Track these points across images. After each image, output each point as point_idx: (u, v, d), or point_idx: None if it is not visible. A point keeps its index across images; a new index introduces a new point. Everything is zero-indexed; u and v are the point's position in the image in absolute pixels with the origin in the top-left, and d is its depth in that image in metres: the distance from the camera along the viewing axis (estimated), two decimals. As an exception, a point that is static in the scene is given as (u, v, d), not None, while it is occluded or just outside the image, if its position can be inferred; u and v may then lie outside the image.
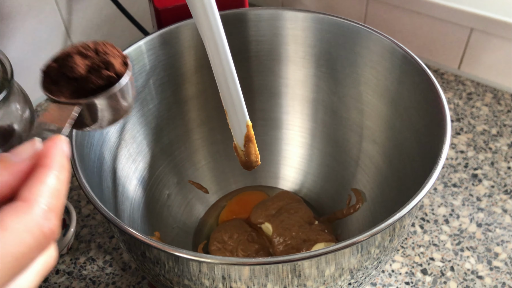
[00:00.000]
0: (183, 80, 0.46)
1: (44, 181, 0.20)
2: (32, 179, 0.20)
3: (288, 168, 0.52)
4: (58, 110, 0.25)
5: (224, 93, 0.33)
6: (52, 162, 0.20)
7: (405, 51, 0.39)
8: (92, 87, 0.26)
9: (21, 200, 0.19)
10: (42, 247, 0.19)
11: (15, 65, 0.61)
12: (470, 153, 0.57)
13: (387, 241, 0.32)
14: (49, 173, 0.20)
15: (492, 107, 0.63)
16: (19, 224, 0.18)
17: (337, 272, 0.31)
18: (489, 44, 0.62)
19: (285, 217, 0.46)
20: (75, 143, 0.34)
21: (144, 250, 0.30)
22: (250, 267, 0.28)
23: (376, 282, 0.46)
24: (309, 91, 0.48)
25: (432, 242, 0.49)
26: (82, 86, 0.26)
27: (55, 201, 0.20)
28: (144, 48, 0.42)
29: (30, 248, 0.18)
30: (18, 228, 0.18)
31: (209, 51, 0.31)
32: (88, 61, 0.26)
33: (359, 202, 0.46)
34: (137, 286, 0.47)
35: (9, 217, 0.18)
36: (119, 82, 0.26)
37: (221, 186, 0.51)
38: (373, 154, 0.45)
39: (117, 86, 0.26)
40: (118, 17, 0.67)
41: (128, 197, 0.43)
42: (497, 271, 0.47)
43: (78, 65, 0.25)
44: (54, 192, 0.20)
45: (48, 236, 0.19)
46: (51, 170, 0.20)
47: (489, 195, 0.53)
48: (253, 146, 0.36)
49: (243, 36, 0.45)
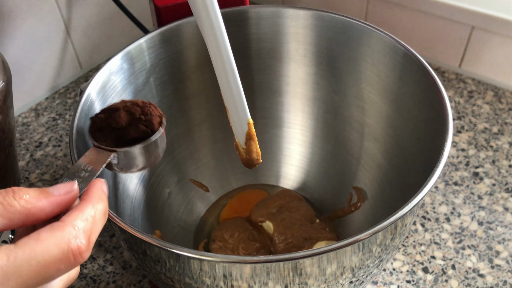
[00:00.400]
0: (183, 78, 0.46)
1: (81, 210, 0.24)
2: (73, 209, 0.24)
3: (289, 166, 0.52)
4: (97, 154, 0.29)
5: (225, 91, 0.33)
6: (92, 197, 0.25)
7: (407, 48, 0.39)
8: (129, 138, 0.30)
9: (59, 221, 0.23)
10: (68, 261, 0.22)
11: (15, 63, 0.61)
12: (471, 151, 0.57)
13: (389, 239, 0.32)
14: (88, 204, 0.24)
15: (493, 105, 0.62)
16: (50, 238, 0.22)
17: (339, 270, 0.31)
18: (490, 42, 0.62)
19: (286, 215, 0.46)
20: (75, 142, 0.33)
21: (145, 248, 0.30)
22: (251, 266, 0.28)
23: (377, 281, 0.46)
24: (310, 89, 0.48)
25: (433, 240, 0.49)
26: (121, 136, 0.30)
27: (88, 225, 0.23)
28: (144, 46, 0.42)
29: (55, 259, 0.21)
30: (48, 241, 0.21)
31: (210, 49, 0.31)
32: (131, 116, 0.30)
33: (360, 200, 0.46)
34: (138, 284, 0.46)
35: (44, 231, 0.22)
36: (153, 136, 0.30)
37: (222, 184, 0.51)
38: (374, 152, 0.45)
39: (150, 139, 0.30)
40: (118, 15, 0.67)
41: (128, 196, 0.42)
42: (498, 269, 0.47)
43: (122, 118, 0.30)
44: (88, 217, 0.24)
45: (75, 253, 0.22)
46: (89, 202, 0.24)
47: (490, 193, 0.53)
48: (255, 144, 0.35)
49: (244, 34, 0.45)
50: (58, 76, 0.67)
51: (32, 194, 0.23)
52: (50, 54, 0.65)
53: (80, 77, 0.70)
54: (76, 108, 0.35)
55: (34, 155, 0.60)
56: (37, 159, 0.59)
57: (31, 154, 0.60)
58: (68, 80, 0.69)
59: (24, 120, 0.64)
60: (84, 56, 0.69)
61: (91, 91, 0.37)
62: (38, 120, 0.64)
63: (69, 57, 0.68)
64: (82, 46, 0.68)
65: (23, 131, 0.63)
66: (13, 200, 0.22)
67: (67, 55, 0.67)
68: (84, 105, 0.36)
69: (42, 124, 0.63)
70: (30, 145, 0.61)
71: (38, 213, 0.23)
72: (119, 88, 0.40)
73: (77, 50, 0.68)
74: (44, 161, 0.59)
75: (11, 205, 0.22)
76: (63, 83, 0.69)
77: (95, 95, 0.38)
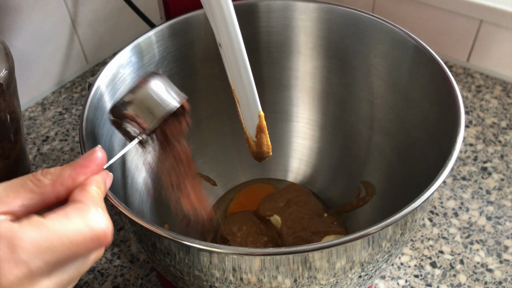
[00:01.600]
0: (191, 71, 0.46)
1: (98, 195, 0.25)
2: (83, 185, 0.24)
3: (297, 160, 0.51)
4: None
5: (236, 83, 0.33)
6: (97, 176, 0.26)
7: (417, 41, 0.39)
8: None
9: (79, 202, 0.23)
10: (97, 241, 0.23)
11: (21, 57, 0.61)
12: (479, 146, 0.57)
13: (399, 234, 0.32)
14: (93, 181, 0.25)
15: (501, 99, 0.62)
16: (79, 217, 0.22)
17: (348, 264, 0.31)
18: (499, 36, 0.62)
19: (294, 209, 0.46)
20: (85, 134, 0.33)
21: (155, 241, 0.30)
22: (261, 259, 0.28)
23: (385, 275, 0.46)
24: (318, 83, 0.48)
25: (441, 235, 0.49)
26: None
27: (103, 204, 0.25)
28: (154, 39, 0.41)
29: (85, 238, 0.22)
30: (78, 219, 0.22)
31: (222, 40, 0.31)
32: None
33: (369, 195, 0.46)
34: (146, 278, 0.47)
35: (71, 209, 0.23)
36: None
37: (229, 178, 0.51)
38: (383, 147, 0.45)
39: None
40: (124, 9, 0.67)
41: (137, 189, 0.42)
42: (507, 264, 0.46)
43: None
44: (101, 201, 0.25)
45: (102, 234, 0.23)
46: (93, 181, 0.25)
47: (499, 188, 0.53)
48: (265, 136, 0.35)
49: (253, 27, 0.45)
50: (64, 70, 0.67)
51: (58, 168, 0.24)
52: (56, 48, 0.65)
53: (86, 71, 0.70)
54: (86, 101, 0.35)
55: (41, 149, 0.60)
56: (44, 153, 0.59)
57: (38, 149, 0.60)
58: (74, 75, 0.69)
59: (31, 115, 0.64)
60: (90, 51, 0.69)
61: (100, 84, 0.37)
62: (45, 114, 0.64)
63: (75, 52, 0.67)
64: (88, 40, 0.68)
65: (30, 125, 0.63)
66: (40, 176, 0.24)
67: (73, 49, 0.67)
68: (93, 98, 0.36)
69: (49, 119, 0.64)
70: (37, 140, 0.61)
71: (65, 180, 0.24)
72: (128, 80, 0.40)
73: (83, 45, 0.68)
74: (51, 155, 0.59)
75: (39, 180, 0.23)
76: (69, 78, 0.69)
77: (104, 88, 0.37)
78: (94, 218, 0.23)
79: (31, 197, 0.23)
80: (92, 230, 0.22)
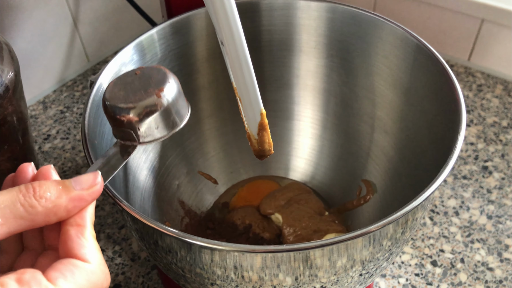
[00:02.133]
0: (193, 69, 0.46)
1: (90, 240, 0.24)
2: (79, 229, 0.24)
3: (298, 159, 0.52)
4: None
5: (238, 81, 0.33)
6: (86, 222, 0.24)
7: (419, 40, 0.39)
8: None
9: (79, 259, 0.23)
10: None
11: (23, 56, 0.61)
12: (480, 145, 0.57)
13: (399, 233, 0.32)
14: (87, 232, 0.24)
15: (502, 99, 0.62)
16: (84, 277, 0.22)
17: (349, 263, 0.31)
18: (500, 35, 0.62)
19: (295, 208, 0.46)
20: (87, 132, 0.33)
21: (156, 238, 0.30)
22: (262, 256, 0.28)
23: (386, 274, 0.46)
24: (320, 82, 0.48)
25: (442, 234, 0.49)
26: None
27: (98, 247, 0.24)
28: (156, 37, 0.42)
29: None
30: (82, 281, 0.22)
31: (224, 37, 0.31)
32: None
33: (370, 193, 0.46)
34: (147, 276, 0.47)
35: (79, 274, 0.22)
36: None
37: (230, 177, 0.51)
38: (384, 145, 0.45)
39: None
40: (126, 8, 0.67)
41: (138, 187, 0.43)
42: (507, 263, 0.47)
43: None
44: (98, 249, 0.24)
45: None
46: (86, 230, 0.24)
47: (500, 187, 0.53)
48: (267, 134, 0.35)
49: (255, 25, 0.45)
50: (65, 69, 0.68)
51: (53, 191, 0.23)
52: (57, 47, 0.65)
53: (87, 70, 0.70)
54: (88, 99, 0.35)
55: (43, 148, 0.60)
56: (46, 152, 0.59)
57: (40, 147, 0.60)
58: (75, 73, 0.69)
59: (32, 113, 0.64)
60: (91, 49, 0.69)
61: (102, 82, 0.37)
62: (46, 112, 0.64)
63: (77, 50, 0.68)
64: (89, 39, 0.68)
65: (31, 123, 0.63)
66: (33, 201, 0.22)
67: (74, 48, 0.67)
68: (95, 96, 0.36)
69: (50, 117, 0.64)
70: (38, 138, 0.61)
71: (60, 211, 0.23)
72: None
73: (85, 43, 0.68)
74: (52, 154, 0.59)
75: (32, 206, 0.22)
76: (70, 76, 0.69)
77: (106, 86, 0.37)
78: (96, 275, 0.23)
79: (20, 223, 0.22)
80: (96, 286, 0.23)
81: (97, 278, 0.23)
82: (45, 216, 0.22)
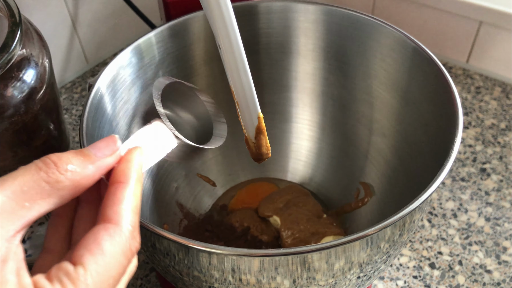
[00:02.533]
0: (192, 72, 0.46)
1: (124, 200, 0.22)
2: (112, 197, 0.22)
3: (296, 161, 0.52)
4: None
5: (236, 84, 0.33)
6: (129, 179, 0.22)
7: (416, 43, 0.39)
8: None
9: (109, 222, 0.21)
10: (130, 262, 0.22)
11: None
12: (478, 147, 0.57)
13: (397, 235, 0.32)
14: (128, 190, 0.22)
15: (500, 101, 0.62)
16: (115, 247, 0.20)
17: (347, 265, 0.31)
18: (498, 38, 0.62)
19: (293, 210, 0.46)
20: (86, 135, 0.34)
21: (154, 241, 0.30)
22: (260, 259, 0.28)
23: (384, 276, 0.46)
24: (318, 84, 0.48)
25: (440, 236, 0.49)
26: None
27: (136, 218, 0.22)
28: (154, 40, 0.42)
29: (125, 267, 0.21)
30: (115, 252, 0.20)
31: (221, 41, 0.31)
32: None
33: (368, 195, 0.46)
34: (145, 278, 0.47)
35: (105, 241, 0.20)
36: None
37: (228, 179, 0.51)
38: (382, 148, 0.45)
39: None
40: (125, 10, 0.67)
41: (136, 190, 0.43)
42: (505, 265, 0.47)
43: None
44: (134, 209, 0.22)
45: (135, 252, 0.22)
46: (128, 187, 0.22)
47: (498, 189, 0.53)
48: (264, 138, 0.35)
49: (253, 28, 0.45)
50: (64, 71, 0.68)
51: (76, 162, 0.21)
52: (56, 49, 0.65)
53: (86, 72, 0.70)
54: (86, 102, 0.35)
55: (41, 149, 0.60)
56: (44, 153, 0.59)
57: (38, 148, 0.60)
58: (74, 75, 0.69)
59: (31, 115, 0.64)
60: (90, 51, 0.70)
61: (100, 85, 0.37)
62: (45, 114, 0.64)
63: (76, 52, 0.68)
64: (88, 41, 0.68)
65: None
66: (59, 175, 0.20)
67: (73, 50, 0.67)
68: (94, 99, 0.36)
69: (49, 119, 0.64)
70: (37, 140, 0.61)
71: (86, 182, 0.21)
72: (128, 82, 0.40)
73: (84, 45, 0.68)
74: (51, 155, 0.59)
75: (59, 181, 0.20)
76: (69, 78, 0.69)
77: (104, 89, 0.38)
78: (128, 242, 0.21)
79: (48, 202, 0.20)
80: (127, 256, 0.21)
81: (124, 240, 0.21)
82: (73, 189, 0.20)
